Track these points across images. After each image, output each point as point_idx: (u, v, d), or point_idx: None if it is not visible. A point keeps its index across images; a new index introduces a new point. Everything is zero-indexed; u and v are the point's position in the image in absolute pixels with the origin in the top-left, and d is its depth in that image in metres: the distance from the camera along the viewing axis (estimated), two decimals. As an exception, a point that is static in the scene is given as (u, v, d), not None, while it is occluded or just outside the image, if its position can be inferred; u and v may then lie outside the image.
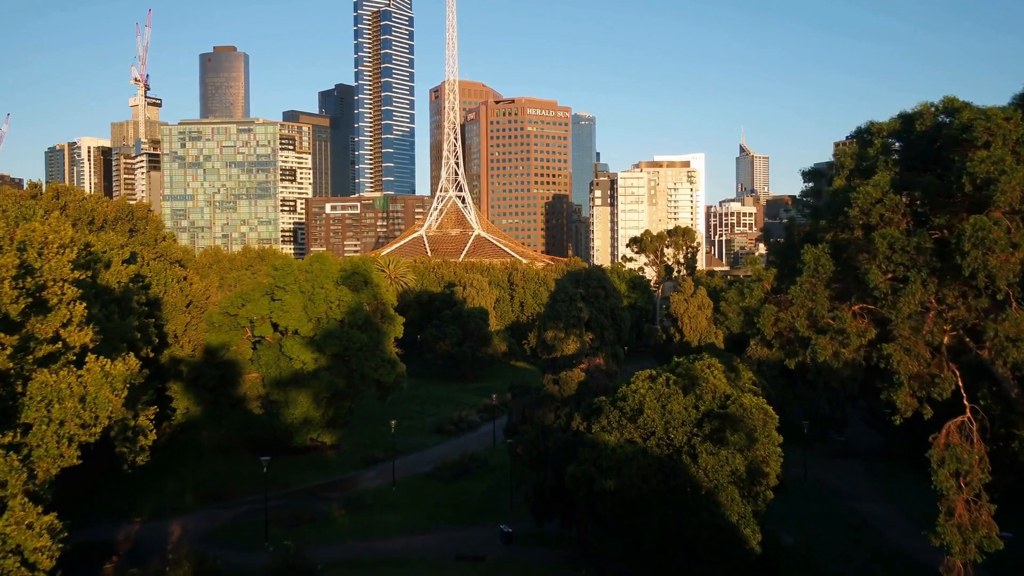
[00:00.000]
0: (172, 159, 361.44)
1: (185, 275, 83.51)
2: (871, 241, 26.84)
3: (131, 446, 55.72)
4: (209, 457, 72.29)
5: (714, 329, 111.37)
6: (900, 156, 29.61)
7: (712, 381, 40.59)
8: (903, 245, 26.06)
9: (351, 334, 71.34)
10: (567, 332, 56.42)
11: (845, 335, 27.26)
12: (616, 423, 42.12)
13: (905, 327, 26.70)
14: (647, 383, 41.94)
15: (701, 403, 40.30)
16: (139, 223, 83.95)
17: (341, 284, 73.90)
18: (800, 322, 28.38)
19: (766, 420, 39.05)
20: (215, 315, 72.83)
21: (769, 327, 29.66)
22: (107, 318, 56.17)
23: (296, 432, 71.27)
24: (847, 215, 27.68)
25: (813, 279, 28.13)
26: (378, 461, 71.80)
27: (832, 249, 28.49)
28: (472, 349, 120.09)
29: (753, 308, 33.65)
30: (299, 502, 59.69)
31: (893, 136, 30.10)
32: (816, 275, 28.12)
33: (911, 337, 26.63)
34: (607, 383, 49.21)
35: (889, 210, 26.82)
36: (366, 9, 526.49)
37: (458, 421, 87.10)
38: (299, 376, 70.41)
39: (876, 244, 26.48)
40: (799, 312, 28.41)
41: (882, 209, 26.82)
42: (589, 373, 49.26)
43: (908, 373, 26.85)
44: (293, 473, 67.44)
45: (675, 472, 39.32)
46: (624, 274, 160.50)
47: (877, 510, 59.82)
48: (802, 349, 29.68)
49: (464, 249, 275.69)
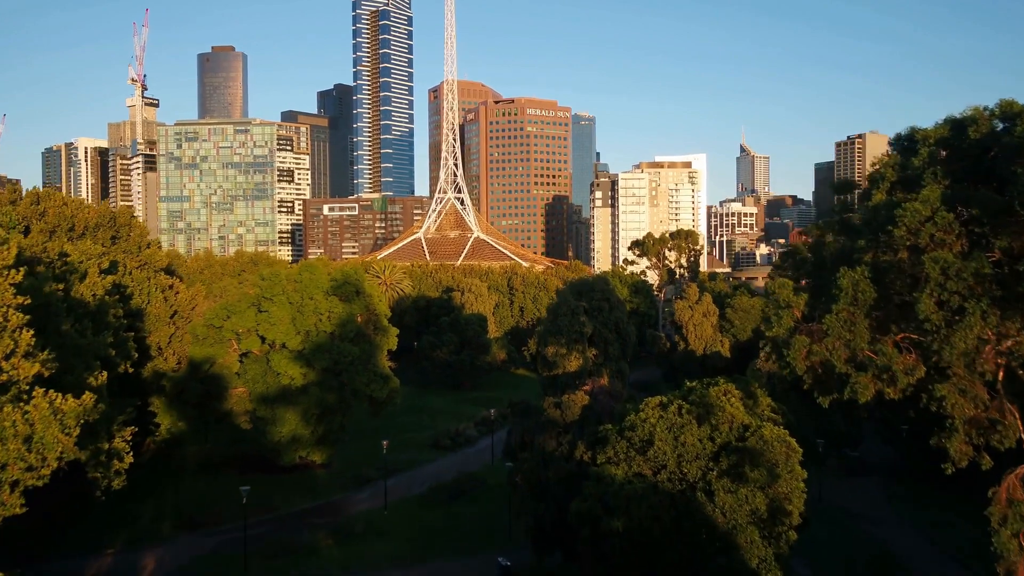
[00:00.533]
0: (168, 160, 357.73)
1: (171, 283, 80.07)
2: (920, 265, 23.36)
3: (105, 471, 52.23)
4: (192, 477, 68.79)
5: (720, 337, 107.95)
6: (949, 167, 26.05)
7: (729, 410, 37.09)
8: (958, 271, 22.61)
9: (342, 347, 67.87)
10: (569, 348, 52.96)
11: (890, 373, 23.80)
12: (624, 455, 38.63)
13: (960, 364, 23.25)
14: (657, 411, 38.45)
15: (717, 434, 36.79)
16: (122, 230, 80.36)
17: (331, 294, 70.39)
18: (837, 356, 24.93)
19: (789, 454, 35.55)
20: (199, 327, 69.32)
21: (800, 361, 26.20)
22: (80, 334, 52.63)
23: (284, 451, 67.77)
24: (891, 234, 24.20)
25: (852, 307, 24.66)
26: (370, 481, 68.24)
27: (872, 272, 24.97)
28: (470, 357, 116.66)
29: (782, 339, 29.73)
30: (285, 529, 56.17)
31: (940, 144, 26.57)
32: (855, 303, 24.64)
33: (967, 377, 23.20)
34: (612, 406, 45.76)
35: (941, 230, 23.34)
36: (365, 8, 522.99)
37: (455, 436, 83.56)
38: (287, 392, 66.92)
39: (927, 269, 23.01)
40: (835, 344, 24.96)
41: (932, 229, 23.34)
42: (593, 396, 45.79)
43: (964, 417, 23.43)
44: (280, 495, 63.90)
45: (689, 511, 35.83)
46: (626, 278, 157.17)
47: (900, 537, 56.32)
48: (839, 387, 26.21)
49: (463, 252, 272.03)
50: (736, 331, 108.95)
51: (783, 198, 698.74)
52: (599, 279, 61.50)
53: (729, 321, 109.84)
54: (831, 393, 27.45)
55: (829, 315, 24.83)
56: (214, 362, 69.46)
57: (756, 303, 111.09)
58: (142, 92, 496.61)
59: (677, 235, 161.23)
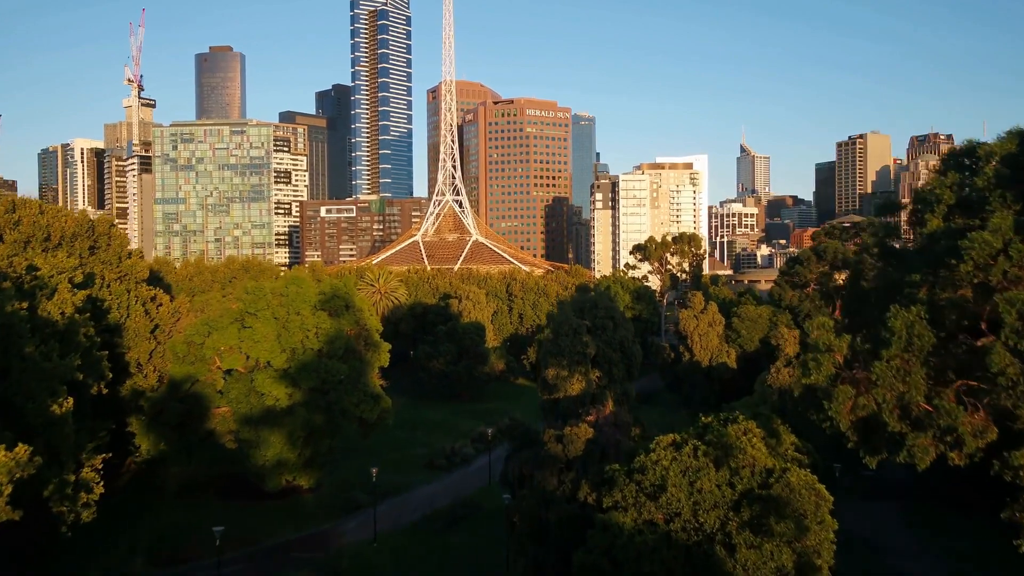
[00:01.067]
0: (164, 161, 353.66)
1: (154, 294, 76.36)
2: (991, 306, 19.61)
3: (71, 504, 48.51)
4: (172, 503, 65.03)
5: (726, 347, 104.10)
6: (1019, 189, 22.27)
7: (750, 452, 33.30)
8: (1038, 314, 18.95)
9: (330, 365, 64.05)
10: (571, 370, 49.21)
11: (955, 435, 20.06)
12: (632, 499, 34.83)
13: (1040, 426, 19.54)
14: (670, 452, 34.66)
15: (737, 480, 33.00)
16: (101, 239, 76.45)
17: (319, 309, 66.58)
18: (888, 411, 21.22)
19: (819, 503, 31.72)
20: (179, 344, 65.46)
21: (844, 416, 22.49)
22: (45, 357, 48.87)
23: (269, 476, 63.99)
24: (953, 269, 20.46)
25: (906, 353, 20.91)
26: (360, 507, 64.37)
27: (930, 312, 21.21)
28: (468, 368, 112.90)
29: (821, 387, 25.82)
30: (266, 565, 52.39)
31: (1007, 162, 22.71)
32: (910, 348, 20.89)
33: (1049, 441, 19.47)
34: (619, 440, 42.02)
35: (1016, 265, 19.57)
36: (363, 8, 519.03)
37: (450, 455, 79.74)
38: (271, 413, 63.13)
39: (1000, 312, 19.24)
40: (886, 397, 21.23)
41: (1006, 264, 19.59)
42: (598, 428, 42.00)
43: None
44: (263, 524, 60.10)
45: (707, 566, 32.05)
46: (628, 284, 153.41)
47: (926, 570, 52.58)
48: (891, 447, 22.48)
49: (461, 255, 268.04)
50: (743, 341, 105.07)
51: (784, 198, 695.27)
52: (602, 295, 57.76)
53: (735, 331, 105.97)
54: (880, 453, 23.74)
55: (879, 362, 21.14)
56: (195, 381, 65.67)
57: (763, 312, 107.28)
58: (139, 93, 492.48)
59: (680, 239, 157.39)
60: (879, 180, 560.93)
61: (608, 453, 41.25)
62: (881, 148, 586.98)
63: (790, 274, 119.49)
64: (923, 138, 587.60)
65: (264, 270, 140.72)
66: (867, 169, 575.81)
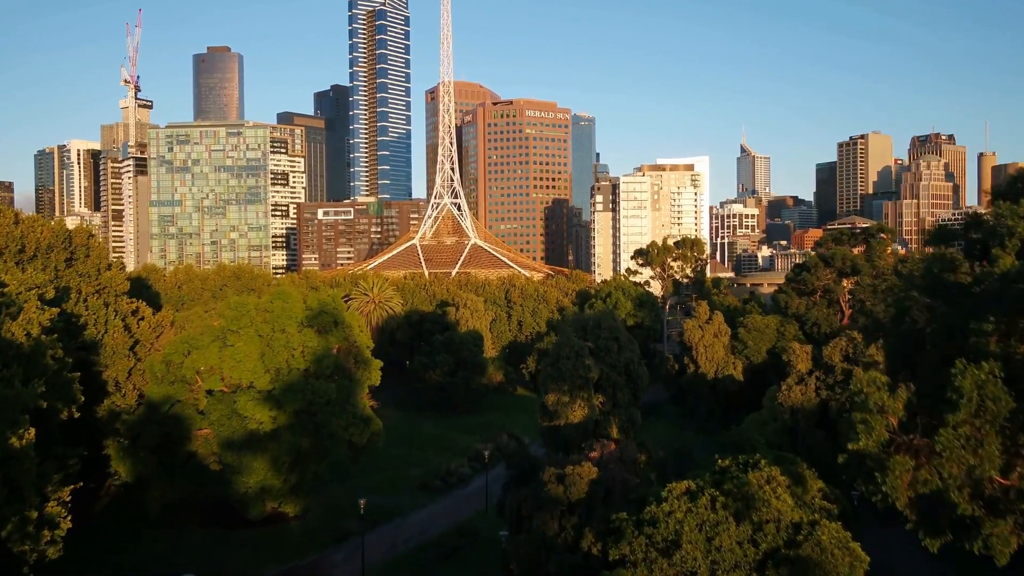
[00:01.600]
0: (159, 163, 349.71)
1: (135, 307, 72.77)
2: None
3: (33, 544, 45.01)
4: (152, 532, 61.42)
5: (732, 359, 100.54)
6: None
7: (775, 504, 29.71)
8: None
9: (317, 386, 60.42)
10: (572, 395, 45.72)
11: (1043, 523, 16.59)
12: (643, 554, 31.26)
13: None
14: (684, 502, 31.07)
15: (761, 537, 29.41)
16: (78, 251, 72.88)
17: (306, 326, 62.96)
18: (955, 487, 17.67)
19: (853, 565, 28.14)
20: (157, 364, 61.84)
21: (902, 491, 18.93)
22: (6, 384, 45.27)
23: (252, 503, 60.43)
24: (1035, 319, 16.93)
25: (977, 420, 17.37)
26: (350, 536, 60.77)
27: (1006, 370, 17.68)
28: (465, 379, 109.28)
29: (873, 455, 22.08)
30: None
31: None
32: (981, 412, 17.32)
33: None
34: (626, 480, 38.47)
35: (1117, 318, 16.10)
36: (361, 9, 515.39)
37: (446, 476, 76.06)
38: (255, 437, 59.53)
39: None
40: (953, 471, 17.71)
41: (1104, 316, 16.09)
42: (603, 466, 38.42)
43: None
44: (246, 557, 56.55)
45: (727, 635, 28.50)
46: (629, 290, 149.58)
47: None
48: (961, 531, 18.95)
49: (459, 260, 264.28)
50: (749, 352, 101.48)
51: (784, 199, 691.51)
52: (606, 314, 54.26)
53: (742, 341, 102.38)
54: (943, 536, 20.13)
55: (944, 428, 17.65)
56: (175, 402, 62.08)
57: (771, 322, 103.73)
58: (135, 93, 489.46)
59: (682, 243, 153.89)
60: (880, 180, 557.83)
61: (613, 494, 37.71)
62: (882, 148, 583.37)
63: (797, 281, 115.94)
64: (924, 138, 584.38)
65: (256, 277, 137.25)
66: (868, 169, 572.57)
